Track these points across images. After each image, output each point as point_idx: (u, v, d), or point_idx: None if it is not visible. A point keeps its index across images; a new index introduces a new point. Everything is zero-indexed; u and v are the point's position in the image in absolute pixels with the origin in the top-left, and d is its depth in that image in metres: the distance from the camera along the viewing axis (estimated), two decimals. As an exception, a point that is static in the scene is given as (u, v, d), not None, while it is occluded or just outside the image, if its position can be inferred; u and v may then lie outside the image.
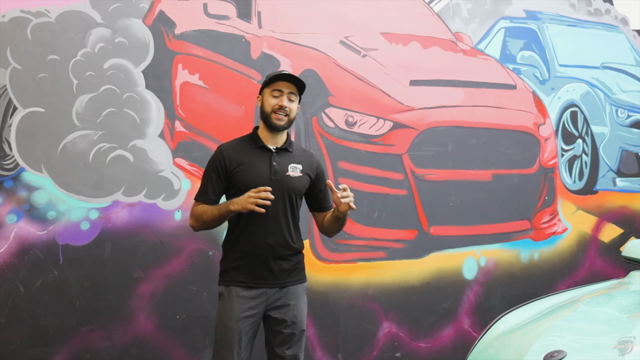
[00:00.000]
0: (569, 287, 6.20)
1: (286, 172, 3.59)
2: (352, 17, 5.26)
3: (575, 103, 6.30)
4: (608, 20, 6.57)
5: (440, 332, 5.58)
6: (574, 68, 6.32)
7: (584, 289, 3.70)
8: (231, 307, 3.50)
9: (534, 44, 6.10)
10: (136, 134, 4.47)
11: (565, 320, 3.20)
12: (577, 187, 6.31)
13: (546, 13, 6.18)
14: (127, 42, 4.46)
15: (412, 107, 5.45)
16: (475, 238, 5.72)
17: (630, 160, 6.64)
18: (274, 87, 3.58)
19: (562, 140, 6.20)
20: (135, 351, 4.45)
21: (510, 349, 3.08)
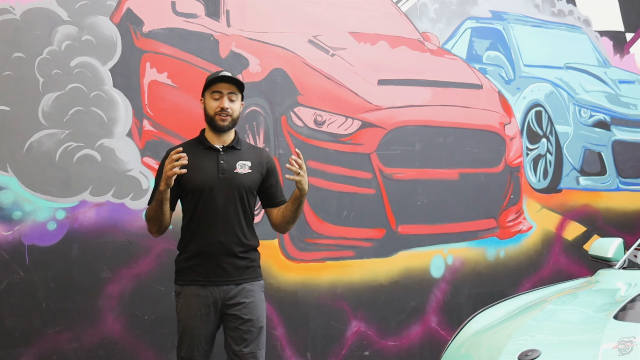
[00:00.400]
0: (534, 284, 6.28)
1: (234, 169, 3.60)
2: (321, 16, 5.25)
3: (539, 103, 6.37)
4: (571, 21, 6.65)
5: (408, 330, 5.60)
6: (538, 68, 6.39)
7: (554, 288, 3.74)
8: (188, 305, 3.54)
9: (499, 44, 6.15)
10: (104, 133, 4.42)
11: (535, 319, 3.23)
12: (542, 185, 6.38)
13: (511, 13, 6.24)
14: (94, 40, 4.41)
15: (380, 107, 5.47)
16: (442, 237, 5.76)
17: (592, 159, 6.73)
18: (213, 89, 3.60)
19: (527, 139, 6.26)
20: (103, 352, 4.40)
21: (483, 348, 3.10)
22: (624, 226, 6.92)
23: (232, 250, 3.55)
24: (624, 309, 2.96)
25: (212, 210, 3.54)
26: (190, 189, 3.55)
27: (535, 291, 3.78)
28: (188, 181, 3.54)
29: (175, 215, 3.65)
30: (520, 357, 2.81)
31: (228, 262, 3.54)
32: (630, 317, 2.90)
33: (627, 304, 2.99)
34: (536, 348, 2.81)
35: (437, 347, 5.75)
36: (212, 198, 3.54)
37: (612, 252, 4.03)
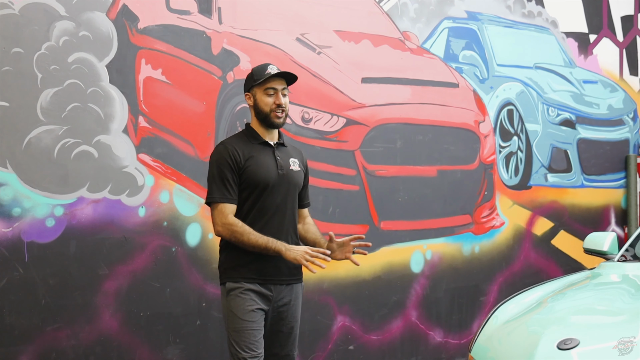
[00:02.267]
0: (507, 279, 6.46)
1: (289, 166, 3.60)
2: (308, 15, 5.32)
3: (511, 101, 6.55)
4: (540, 22, 6.85)
5: (390, 324, 5.71)
6: (510, 68, 6.57)
7: (564, 280, 3.88)
8: (244, 302, 3.45)
9: (474, 44, 6.30)
10: (100, 129, 4.41)
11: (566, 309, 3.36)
12: (513, 182, 6.57)
13: (485, 14, 6.40)
14: (91, 35, 4.39)
15: (364, 104, 5.56)
16: (422, 232, 5.89)
17: (559, 157, 6.95)
18: (268, 85, 3.56)
19: (500, 137, 6.44)
20: (100, 349, 4.39)
21: (517, 338, 3.21)
22: (588, 222, 7.16)
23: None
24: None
25: (271, 207, 3.50)
26: (252, 184, 3.49)
27: (549, 283, 3.91)
28: (250, 175, 3.48)
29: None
30: (559, 345, 2.92)
31: (283, 261, 3.48)
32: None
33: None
34: (574, 337, 2.93)
35: (416, 340, 5.88)
36: (272, 195, 3.49)
37: (608, 245, 4.20)
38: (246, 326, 3.42)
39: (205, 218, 4.78)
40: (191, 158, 4.74)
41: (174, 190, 4.66)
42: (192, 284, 4.72)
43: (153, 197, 4.58)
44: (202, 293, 4.76)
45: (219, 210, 3.48)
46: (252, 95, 3.61)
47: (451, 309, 6.09)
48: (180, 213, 4.69)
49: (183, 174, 4.70)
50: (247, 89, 3.65)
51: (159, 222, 4.61)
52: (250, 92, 3.63)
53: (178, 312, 4.67)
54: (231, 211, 3.47)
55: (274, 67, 3.61)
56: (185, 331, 4.70)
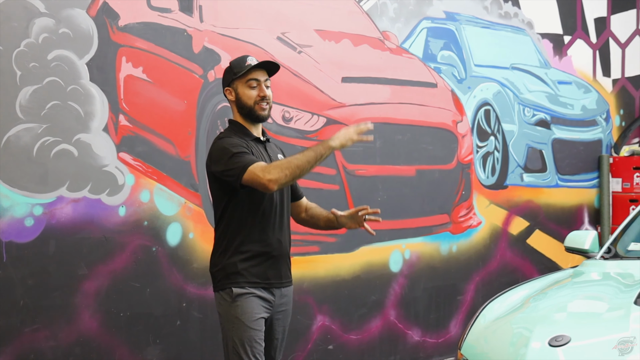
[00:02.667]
0: (483, 278, 6.50)
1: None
2: (289, 14, 5.30)
3: (488, 102, 6.58)
4: (516, 23, 6.90)
5: (369, 324, 5.72)
6: (487, 68, 6.61)
7: (548, 278, 3.91)
8: (251, 307, 3.30)
9: (452, 44, 6.33)
10: (80, 127, 4.35)
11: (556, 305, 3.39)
12: (490, 182, 6.61)
13: (463, 15, 6.42)
14: (71, 33, 4.33)
15: (344, 104, 5.56)
16: (400, 232, 5.90)
17: (535, 156, 7.00)
18: (249, 77, 3.40)
19: (477, 137, 6.47)
20: (80, 350, 4.34)
21: (508, 335, 3.22)
22: (562, 221, 7.23)
23: (287, 250, 3.44)
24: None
25: (271, 207, 3.37)
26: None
27: (534, 281, 3.93)
28: None
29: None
30: (551, 342, 2.94)
31: (283, 263, 3.41)
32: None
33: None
34: (565, 334, 2.95)
35: (395, 339, 5.89)
36: (272, 194, 3.34)
37: (589, 244, 4.25)
38: (255, 335, 3.28)
39: (186, 217, 4.75)
40: (172, 157, 4.70)
41: (154, 190, 4.62)
42: (173, 284, 4.69)
43: (133, 197, 4.54)
44: (182, 293, 4.73)
45: (255, 168, 3.19)
46: (233, 90, 3.45)
47: (429, 308, 6.11)
48: (160, 212, 4.64)
49: (164, 173, 4.66)
50: (227, 84, 3.48)
51: (140, 221, 4.56)
52: (230, 87, 3.46)
53: (158, 312, 4.63)
54: (263, 164, 3.23)
55: (253, 58, 3.46)
56: (165, 331, 4.66)
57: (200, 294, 4.79)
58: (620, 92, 7.93)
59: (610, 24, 7.83)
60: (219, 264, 3.41)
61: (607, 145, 7.74)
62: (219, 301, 3.42)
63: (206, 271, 4.75)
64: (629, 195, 7.52)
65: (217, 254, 3.42)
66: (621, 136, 7.84)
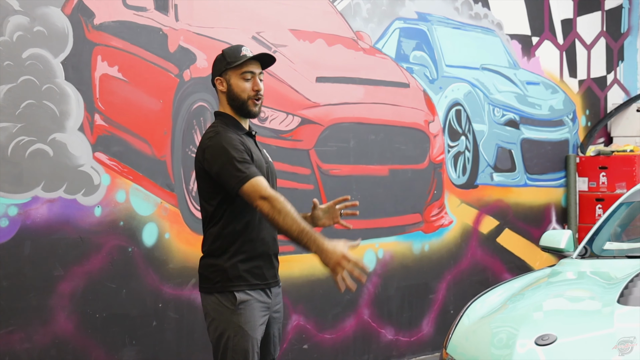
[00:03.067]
0: (455, 277, 6.56)
1: (269, 157, 3.38)
2: (263, 13, 5.29)
3: (459, 102, 6.64)
4: (486, 24, 6.96)
5: (343, 323, 5.73)
6: (458, 68, 6.66)
7: (527, 277, 3.95)
8: (253, 315, 3.18)
9: (424, 44, 6.37)
10: (56, 127, 4.31)
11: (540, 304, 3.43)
12: (461, 181, 6.66)
13: (435, 15, 6.47)
14: (45, 31, 4.28)
15: (318, 103, 5.57)
16: (374, 231, 5.92)
17: (504, 156, 7.08)
18: (245, 69, 3.23)
19: (448, 137, 6.52)
20: (55, 352, 4.29)
21: (494, 332, 3.25)
22: (530, 220, 7.31)
23: (278, 248, 3.34)
24: (622, 294, 3.19)
25: None
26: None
27: (515, 280, 3.97)
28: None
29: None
30: (537, 341, 2.97)
31: (276, 260, 3.32)
32: (632, 302, 3.13)
33: (624, 290, 3.22)
34: (551, 332, 2.98)
35: (368, 338, 5.91)
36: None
37: (564, 243, 4.30)
38: (256, 344, 3.18)
39: (162, 218, 4.73)
40: (148, 157, 4.67)
41: (130, 190, 4.59)
42: (149, 284, 4.66)
43: (109, 197, 4.50)
44: (158, 294, 4.70)
45: (256, 183, 3.05)
46: (226, 80, 3.25)
47: (402, 307, 6.14)
48: (136, 212, 4.61)
49: (140, 172, 4.63)
50: (218, 73, 3.28)
51: (115, 222, 4.53)
52: (222, 77, 3.27)
53: (134, 313, 4.60)
54: (267, 184, 3.10)
55: (247, 48, 3.31)
56: (141, 332, 4.63)
57: (176, 294, 4.76)
58: (586, 93, 8.04)
59: (576, 25, 7.95)
60: (215, 265, 3.23)
61: (574, 145, 7.84)
62: (214, 306, 3.23)
63: (182, 271, 4.77)
64: (595, 194, 7.63)
65: (212, 254, 3.24)
66: (587, 136, 7.95)
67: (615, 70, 8.36)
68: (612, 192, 7.51)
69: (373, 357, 5.94)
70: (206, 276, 3.27)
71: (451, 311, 6.49)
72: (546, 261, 7.35)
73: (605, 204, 7.49)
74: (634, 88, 8.41)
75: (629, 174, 7.48)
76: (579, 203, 7.70)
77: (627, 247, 4.20)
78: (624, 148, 7.68)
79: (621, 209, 4.40)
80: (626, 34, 8.46)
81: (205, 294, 3.28)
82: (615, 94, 8.33)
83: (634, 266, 3.61)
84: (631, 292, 3.18)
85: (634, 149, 7.67)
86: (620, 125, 8.18)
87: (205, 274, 3.28)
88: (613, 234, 4.33)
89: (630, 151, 7.63)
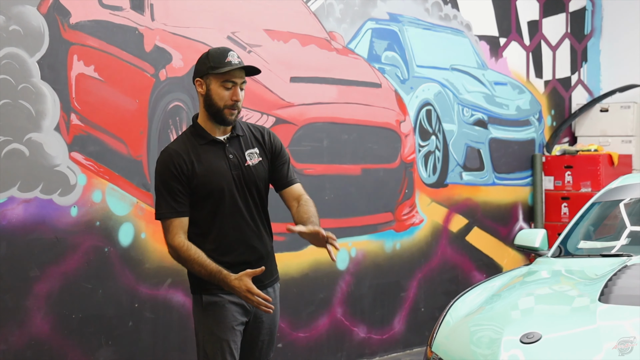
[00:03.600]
0: (425, 275, 6.63)
1: (245, 162, 3.27)
2: (238, 13, 5.30)
3: (429, 102, 6.71)
4: (455, 25, 7.04)
5: (316, 321, 5.77)
6: (428, 69, 6.73)
7: (505, 276, 4.02)
8: (224, 316, 3.21)
9: (395, 45, 6.43)
10: (32, 126, 4.28)
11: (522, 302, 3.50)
12: (431, 180, 6.74)
13: (406, 16, 6.53)
14: (21, 30, 4.25)
15: (292, 103, 5.59)
16: (347, 230, 5.96)
17: (473, 155, 7.17)
18: (227, 77, 3.18)
19: (419, 136, 6.59)
20: (31, 353, 4.27)
21: (479, 331, 3.30)
22: (498, 218, 7.42)
23: (264, 253, 3.33)
24: (603, 293, 3.27)
25: (236, 215, 3.22)
26: (205, 195, 3.19)
27: (494, 279, 4.03)
28: (202, 185, 3.17)
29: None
30: (522, 339, 3.03)
31: (263, 263, 3.28)
32: (614, 300, 3.21)
33: (604, 289, 3.30)
34: (536, 330, 3.04)
35: (341, 337, 5.96)
36: (234, 201, 3.19)
37: (539, 242, 4.37)
38: (225, 345, 3.20)
39: (138, 217, 4.72)
40: (124, 157, 4.66)
41: (106, 190, 4.57)
42: (125, 284, 4.64)
43: (85, 197, 4.48)
44: (134, 294, 4.69)
45: (166, 228, 3.20)
46: (206, 84, 3.21)
47: (374, 305, 6.20)
48: (112, 212, 4.60)
49: (116, 172, 4.62)
50: (200, 74, 3.23)
51: (92, 222, 4.51)
52: (202, 79, 3.22)
53: (110, 313, 4.59)
54: (182, 227, 3.18)
55: (234, 54, 3.23)
56: (117, 332, 4.61)
57: (152, 294, 4.76)
58: (551, 93, 8.17)
59: (542, 27, 8.07)
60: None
61: (540, 145, 7.97)
62: (194, 306, 3.34)
63: (158, 271, 4.78)
64: (561, 192, 7.76)
65: None
66: (552, 136, 8.08)
67: (579, 71, 8.51)
68: (578, 190, 7.64)
69: (346, 355, 5.98)
70: (188, 278, 3.37)
71: (422, 309, 6.56)
72: (514, 259, 7.47)
73: (570, 203, 7.63)
74: (597, 89, 8.57)
75: (593, 173, 7.62)
76: (545, 201, 7.83)
77: (601, 246, 4.30)
78: (589, 147, 7.83)
79: (593, 209, 4.50)
80: (589, 36, 8.62)
81: (192, 294, 3.38)
82: (579, 95, 8.48)
83: (610, 264, 3.69)
84: (611, 291, 3.26)
85: (598, 148, 7.82)
86: (584, 125, 8.33)
87: (188, 273, 3.35)
88: (586, 233, 4.42)
89: (595, 150, 7.77)
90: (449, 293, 6.76)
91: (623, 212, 4.45)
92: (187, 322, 4.92)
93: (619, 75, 8.46)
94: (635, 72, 8.28)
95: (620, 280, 3.36)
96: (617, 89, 8.27)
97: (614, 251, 4.11)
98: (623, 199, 4.51)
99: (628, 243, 4.22)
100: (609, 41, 8.61)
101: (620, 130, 8.08)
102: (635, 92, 8.24)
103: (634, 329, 2.96)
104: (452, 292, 6.76)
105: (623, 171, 7.10)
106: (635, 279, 3.42)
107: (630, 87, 8.24)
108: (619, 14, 8.55)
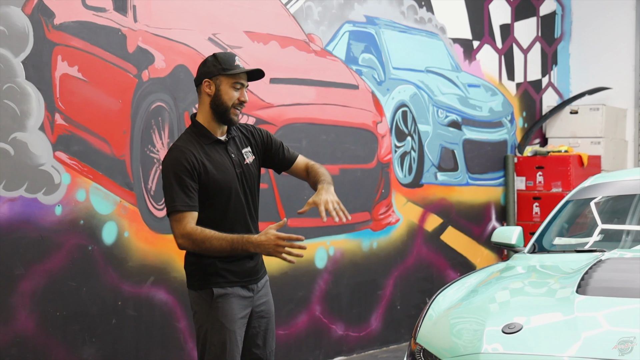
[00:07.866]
0: (401, 273, 6.74)
1: (244, 161, 3.43)
2: (219, 15, 5.37)
3: (405, 103, 6.83)
4: (430, 28, 7.17)
5: (295, 319, 5.86)
6: (404, 71, 6.85)
7: (484, 272, 4.13)
8: (231, 309, 3.32)
9: (372, 47, 6.54)
10: (16, 126, 4.32)
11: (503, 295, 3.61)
12: (407, 180, 6.85)
13: (382, 19, 6.64)
14: (6, 30, 4.29)
15: (272, 104, 5.68)
16: (325, 229, 6.06)
17: (448, 156, 7.30)
18: (238, 79, 3.35)
19: (395, 137, 6.70)
20: (16, 351, 4.30)
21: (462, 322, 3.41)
22: (471, 218, 7.56)
23: None
24: (580, 285, 3.39)
25: (240, 209, 3.38)
26: (214, 192, 3.32)
27: (474, 274, 4.14)
28: (212, 183, 3.30)
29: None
30: (504, 329, 3.14)
31: (257, 259, 3.44)
32: (591, 291, 3.33)
33: (581, 281, 3.42)
34: (516, 321, 3.16)
35: (319, 334, 6.04)
36: (239, 197, 3.36)
37: (515, 238, 4.50)
38: (233, 336, 3.31)
39: (121, 216, 4.77)
40: (107, 156, 4.71)
41: (90, 189, 4.62)
42: (108, 282, 4.70)
43: (69, 196, 4.53)
44: (117, 292, 4.74)
45: (178, 221, 3.25)
46: (215, 85, 3.34)
47: (352, 303, 6.29)
48: (96, 211, 4.65)
49: (99, 172, 4.67)
50: (209, 75, 3.35)
51: (76, 220, 4.55)
52: (212, 80, 3.35)
53: (94, 311, 4.63)
54: (192, 219, 3.26)
55: (239, 58, 3.43)
56: (101, 330, 4.66)
57: (135, 292, 4.82)
58: (523, 95, 8.34)
59: (514, 30, 8.23)
60: (195, 263, 3.39)
61: (512, 146, 8.12)
62: (196, 300, 3.40)
63: (141, 269, 4.83)
64: (532, 193, 7.93)
65: (193, 252, 3.36)
66: (524, 137, 8.25)
67: (549, 73, 8.69)
68: (549, 190, 7.81)
69: (324, 352, 6.07)
70: (189, 273, 3.45)
71: (398, 307, 6.68)
72: (487, 258, 7.62)
73: (542, 202, 7.79)
74: (566, 91, 8.76)
75: (564, 174, 7.79)
76: (517, 201, 7.99)
77: (575, 242, 4.43)
78: (559, 149, 8.00)
79: (567, 207, 4.63)
80: (559, 39, 8.80)
81: (190, 289, 3.45)
82: (550, 97, 8.66)
83: (585, 259, 3.82)
84: (588, 283, 3.39)
85: (568, 149, 7.99)
86: (554, 127, 8.50)
87: (188, 270, 3.45)
88: (560, 230, 4.56)
89: (565, 152, 7.94)
90: (424, 291, 6.90)
91: (594, 210, 4.58)
92: (169, 319, 4.99)
93: (588, 78, 8.65)
94: (603, 75, 8.49)
95: (596, 274, 3.49)
96: (587, 91, 8.46)
97: (587, 247, 4.25)
98: (595, 197, 4.65)
99: (601, 239, 4.36)
100: (578, 45, 8.80)
101: (589, 131, 8.26)
102: (604, 94, 8.44)
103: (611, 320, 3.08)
104: (427, 290, 6.89)
105: (592, 172, 7.26)
106: (610, 272, 3.55)
107: (599, 90, 8.44)
108: (588, 18, 8.74)
